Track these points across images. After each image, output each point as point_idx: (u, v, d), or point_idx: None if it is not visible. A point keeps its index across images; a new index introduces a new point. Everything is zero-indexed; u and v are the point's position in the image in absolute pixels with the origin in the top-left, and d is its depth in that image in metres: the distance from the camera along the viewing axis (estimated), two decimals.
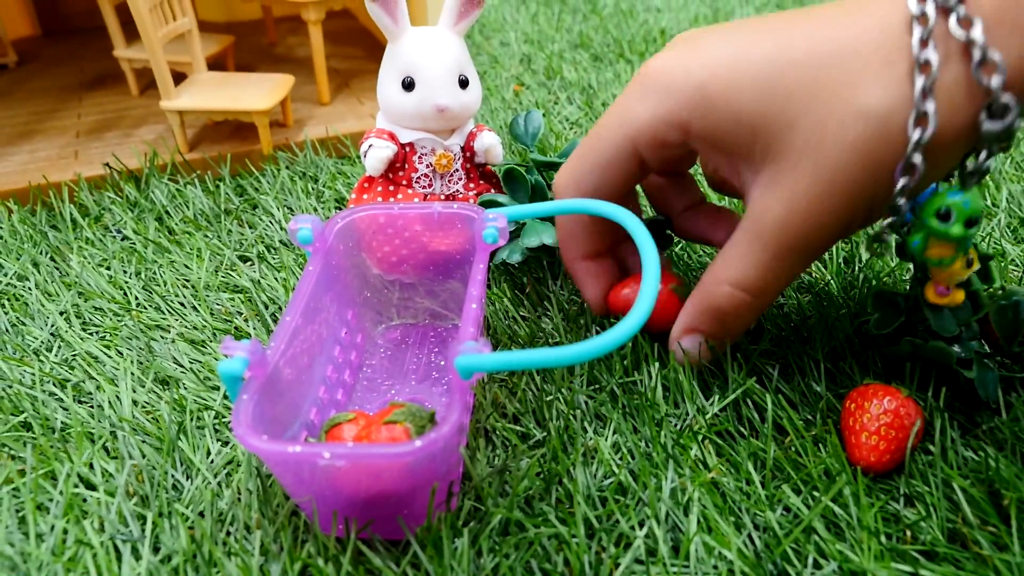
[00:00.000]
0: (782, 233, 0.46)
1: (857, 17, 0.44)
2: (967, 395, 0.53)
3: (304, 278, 0.51)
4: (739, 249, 0.48)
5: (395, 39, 0.63)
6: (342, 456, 0.37)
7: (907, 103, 0.42)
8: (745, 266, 0.48)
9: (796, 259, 0.47)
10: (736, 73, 0.45)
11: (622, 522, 0.45)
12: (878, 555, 0.43)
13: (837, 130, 0.43)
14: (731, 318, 0.51)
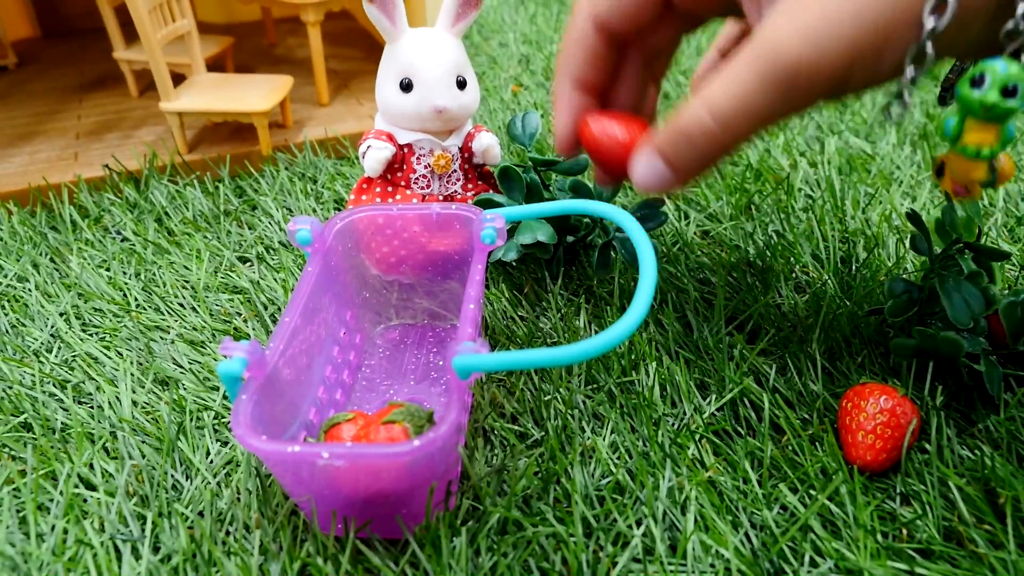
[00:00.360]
0: (773, 49, 0.39)
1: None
2: (964, 394, 0.54)
3: (303, 279, 0.51)
4: (727, 69, 0.41)
5: (393, 40, 0.63)
6: (340, 456, 0.37)
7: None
8: (724, 85, 0.41)
9: (778, 89, 0.39)
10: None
11: (620, 521, 0.45)
12: (874, 553, 0.43)
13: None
14: (692, 145, 0.42)
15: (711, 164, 0.43)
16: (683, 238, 0.72)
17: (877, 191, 0.80)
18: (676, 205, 0.78)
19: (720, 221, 0.75)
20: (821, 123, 0.97)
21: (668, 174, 0.44)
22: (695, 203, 0.79)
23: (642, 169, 0.45)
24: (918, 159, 0.87)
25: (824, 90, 0.39)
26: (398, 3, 0.62)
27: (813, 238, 0.71)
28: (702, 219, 0.76)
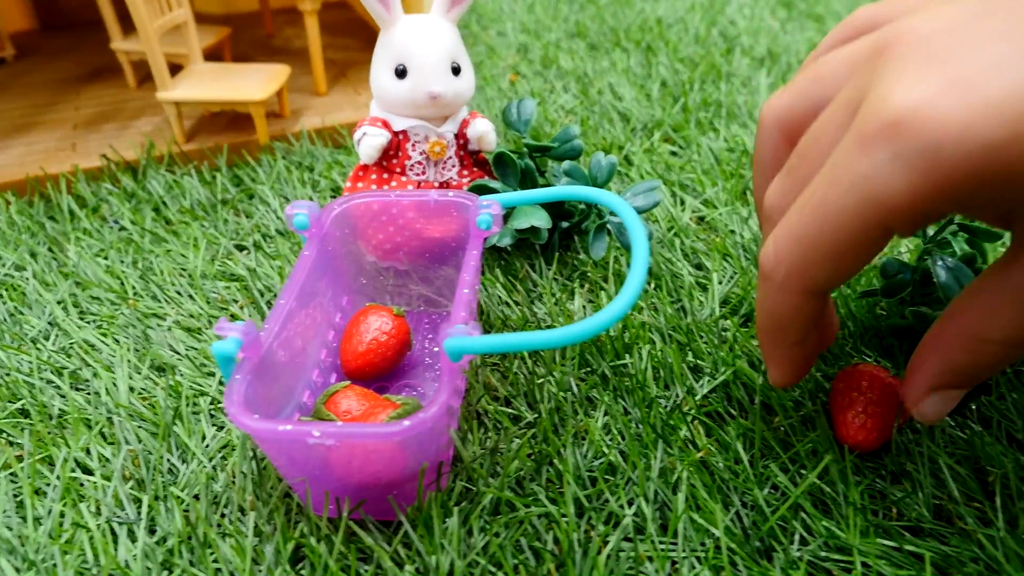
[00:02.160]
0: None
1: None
2: None
3: (299, 262, 0.51)
4: (1014, 309, 0.38)
5: (387, 27, 0.63)
6: (331, 435, 0.38)
7: None
8: (1001, 319, 0.39)
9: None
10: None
11: (611, 501, 0.45)
12: (864, 531, 0.44)
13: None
14: (991, 371, 0.41)
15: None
16: (677, 223, 0.72)
17: None
18: (672, 191, 0.79)
19: (716, 207, 0.76)
20: None
21: (960, 396, 0.44)
22: (691, 189, 0.79)
23: (940, 406, 0.44)
24: None
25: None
26: None
27: None
28: (698, 204, 0.76)
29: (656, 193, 0.64)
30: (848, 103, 0.36)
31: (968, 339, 0.40)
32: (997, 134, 0.30)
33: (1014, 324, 0.39)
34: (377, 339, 0.53)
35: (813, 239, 0.37)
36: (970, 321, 0.40)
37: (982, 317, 0.40)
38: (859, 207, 0.35)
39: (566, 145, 0.67)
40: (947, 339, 0.42)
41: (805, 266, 0.39)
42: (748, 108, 0.97)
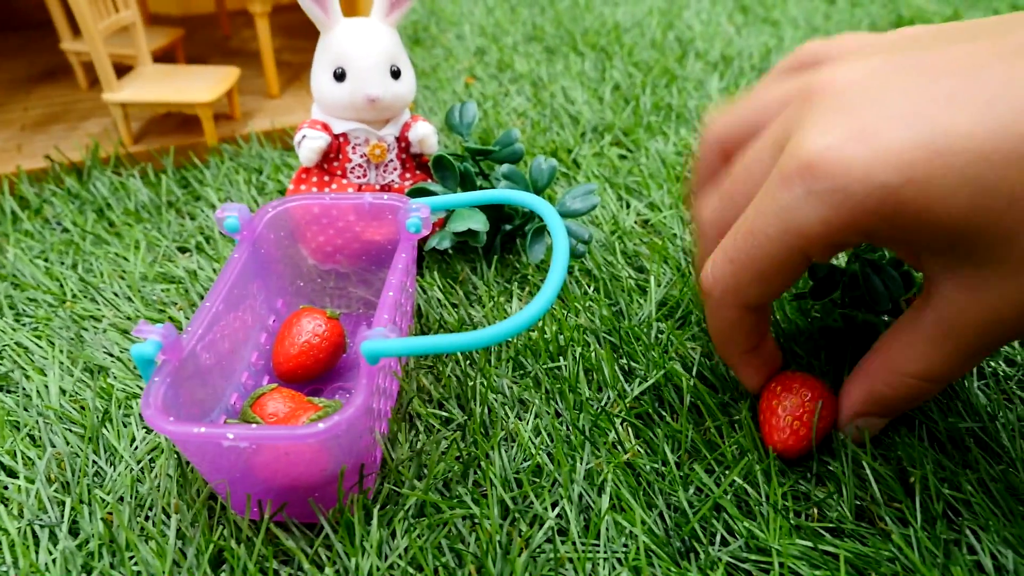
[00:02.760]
0: (982, 335, 0.41)
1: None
2: None
3: (228, 265, 0.51)
4: (930, 346, 0.43)
5: (327, 30, 0.63)
6: (245, 438, 0.38)
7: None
8: (932, 361, 0.43)
9: (988, 352, 0.43)
10: (935, 174, 0.35)
11: (536, 503, 0.46)
12: (785, 532, 0.44)
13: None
14: (909, 403, 0.46)
15: None
16: (621, 227, 0.72)
17: None
18: (618, 194, 0.79)
19: (660, 210, 0.76)
20: None
21: (883, 423, 0.49)
22: (636, 192, 0.80)
23: (865, 427, 0.49)
24: None
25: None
26: None
27: None
28: (643, 208, 0.77)
29: (593, 196, 0.65)
30: (775, 141, 0.42)
31: (888, 372, 0.46)
32: (892, 178, 0.36)
33: (927, 359, 0.43)
34: (310, 342, 0.53)
35: (744, 262, 0.43)
36: (890, 355, 0.45)
37: (900, 352, 0.45)
38: (780, 235, 0.40)
39: (507, 149, 0.68)
40: (871, 371, 0.47)
41: (738, 285, 0.45)
42: (698, 112, 0.97)
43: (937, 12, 1.38)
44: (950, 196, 0.35)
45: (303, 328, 0.53)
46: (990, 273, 0.38)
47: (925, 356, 0.44)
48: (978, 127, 0.35)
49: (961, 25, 0.41)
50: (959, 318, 0.41)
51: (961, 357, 0.43)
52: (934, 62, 0.38)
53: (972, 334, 0.41)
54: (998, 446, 0.49)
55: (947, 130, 0.35)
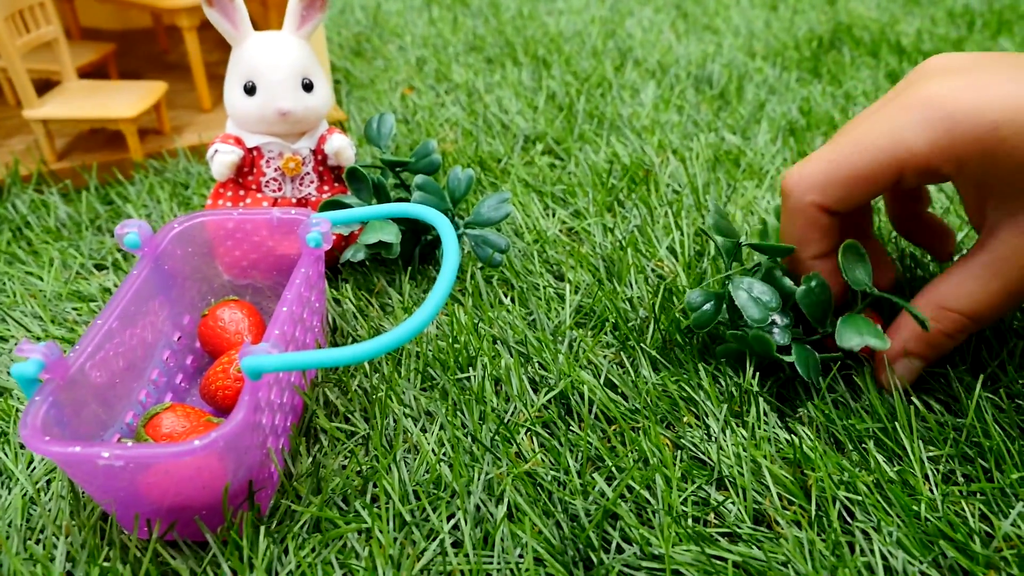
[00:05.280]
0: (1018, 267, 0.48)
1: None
2: (790, 384, 0.55)
3: (125, 282, 0.51)
4: (978, 283, 0.49)
5: (237, 44, 0.63)
6: (120, 456, 0.37)
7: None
8: (980, 300, 0.50)
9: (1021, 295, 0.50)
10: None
11: (432, 516, 0.45)
12: (681, 538, 0.44)
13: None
14: (951, 343, 0.52)
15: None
16: (544, 235, 0.73)
17: (737, 185, 0.81)
18: (544, 203, 0.79)
19: (585, 217, 0.76)
20: (699, 120, 0.98)
21: (923, 366, 0.53)
22: (563, 200, 0.80)
23: (903, 371, 0.53)
24: (786, 155, 0.89)
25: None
26: (239, 6, 0.62)
27: (671, 232, 0.73)
28: (567, 215, 0.77)
29: (507, 205, 0.65)
30: (891, 97, 0.52)
31: (936, 308, 0.51)
32: (997, 117, 0.45)
33: (974, 297, 0.50)
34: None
35: (842, 163, 0.50)
36: (939, 292, 0.51)
37: (949, 290, 0.51)
38: (889, 146, 0.48)
39: (424, 160, 0.68)
40: (920, 308, 0.52)
41: (827, 183, 0.51)
42: (631, 120, 0.98)
43: (875, 19, 1.40)
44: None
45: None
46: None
47: (972, 294, 0.50)
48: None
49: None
50: (1011, 259, 0.48)
51: (1005, 296, 0.49)
52: (1022, 59, 0.47)
53: (1019, 276, 0.48)
54: (898, 447, 0.50)
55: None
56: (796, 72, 1.14)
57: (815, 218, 0.53)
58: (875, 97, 1.04)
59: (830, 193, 0.51)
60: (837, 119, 0.97)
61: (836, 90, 1.07)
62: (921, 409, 0.52)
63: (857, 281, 0.52)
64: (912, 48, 1.22)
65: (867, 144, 0.49)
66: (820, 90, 1.07)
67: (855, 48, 1.24)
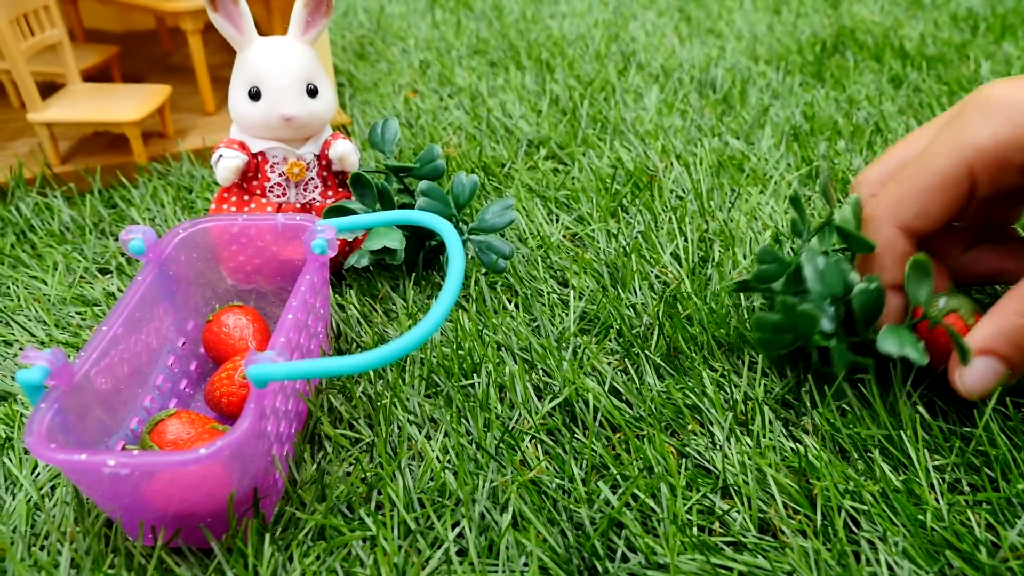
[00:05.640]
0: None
1: None
2: (795, 392, 0.55)
3: (130, 288, 0.51)
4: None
5: (242, 49, 0.63)
6: (126, 464, 0.37)
7: None
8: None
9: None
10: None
11: (437, 524, 0.45)
12: (687, 547, 0.44)
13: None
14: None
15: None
16: (548, 241, 0.72)
17: (741, 190, 0.81)
18: (548, 208, 0.79)
19: (589, 223, 0.76)
20: (702, 125, 0.98)
21: (1005, 372, 0.48)
22: (566, 205, 0.80)
23: (983, 373, 0.49)
24: (790, 160, 0.89)
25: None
26: (244, 11, 0.62)
27: (675, 238, 0.73)
28: (571, 221, 0.77)
29: (511, 211, 0.65)
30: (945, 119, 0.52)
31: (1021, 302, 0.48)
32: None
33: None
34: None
35: (912, 179, 0.50)
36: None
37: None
38: (952, 150, 0.48)
39: (428, 165, 0.67)
40: (1004, 306, 0.48)
41: (900, 201, 0.50)
42: (634, 124, 0.98)
43: (879, 23, 1.40)
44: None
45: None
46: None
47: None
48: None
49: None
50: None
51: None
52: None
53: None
54: (904, 456, 0.50)
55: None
56: (799, 76, 1.14)
57: (892, 240, 0.52)
58: (879, 102, 1.04)
59: (905, 209, 0.50)
60: (841, 124, 0.97)
61: (840, 95, 1.07)
62: (927, 417, 0.52)
63: (916, 297, 0.51)
64: (916, 52, 1.22)
65: (931, 156, 0.49)
66: (824, 94, 1.07)
67: (858, 52, 1.24)
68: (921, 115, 1.00)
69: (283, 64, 0.62)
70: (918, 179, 0.50)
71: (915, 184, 0.50)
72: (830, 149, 0.90)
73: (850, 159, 0.88)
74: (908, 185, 0.50)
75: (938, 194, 0.49)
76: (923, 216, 0.50)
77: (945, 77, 1.11)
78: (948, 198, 0.49)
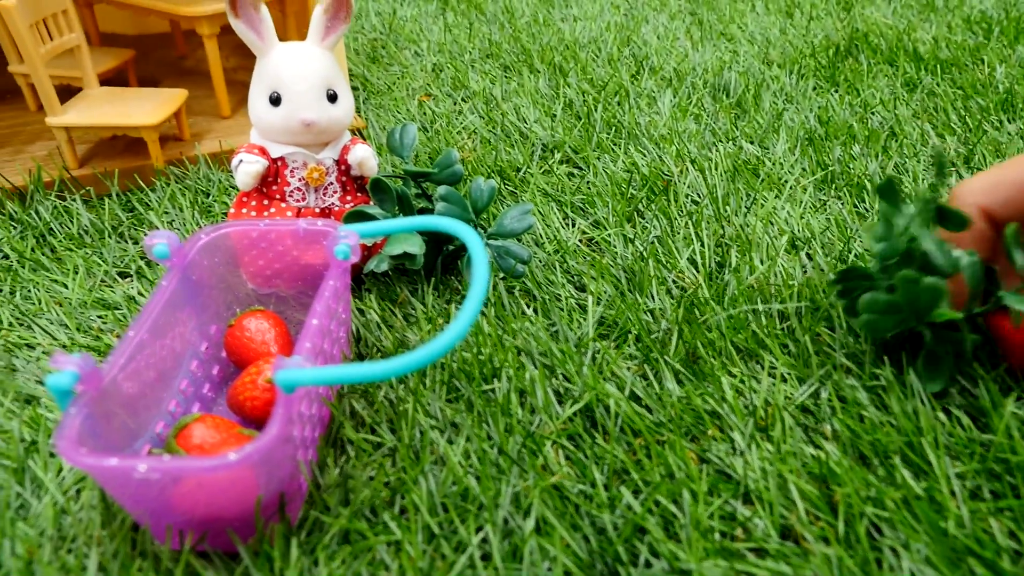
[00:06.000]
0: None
1: None
2: (816, 397, 0.55)
3: (155, 293, 0.51)
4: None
5: (262, 55, 0.64)
6: (156, 469, 0.38)
7: None
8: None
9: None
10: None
11: (460, 528, 0.46)
12: (709, 553, 0.44)
13: None
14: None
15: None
16: (565, 245, 0.73)
17: (757, 195, 0.81)
18: (564, 213, 0.79)
19: (605, 227, 0.77)
20: (716, 129, 0.98)
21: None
22: (582, 210, 0.80)
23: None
24: (805, 164, 0.89)
25: None
26: (264, 17, 0.62)
27: (691, 243, 0.73)
28: (587, 225, 0.77)
29: (529, 217, 0.65)
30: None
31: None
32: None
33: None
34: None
35: (1008, 169, 0.53)
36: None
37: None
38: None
39: (447, 170, 0.68)
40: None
41: (993, 186, 0.53)
42: (648, 129, 0.98)
43: (892, 26, 1.40)
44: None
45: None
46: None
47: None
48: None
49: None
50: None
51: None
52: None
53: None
54: (925, 462, 0.50)
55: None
56: (813, 80, 1.14)
57: (976, 220, 0.53)
58: (893, 106, 1.04)
59: (994, 195, 0.53)
60: (856, 128, 0.97)
61: (854, 99, 1.07)
62: (947, 424, 0.52)
63: (1018, 263, 0.52)
64: (929, 56, 1.22)
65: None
66: (838, 98, 1.07)
67: (872, 56, 1.24)
68: (935, 119, 1.00)
69: (303, 69, 0.62)
70: (1016, 169, 0.53)
71: (1011, 175, 0.53)
72: (845, 154, 0.90)
73: (865, 164, 0.88)
74: (1007, 173, 0.53)
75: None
76: (1010, 205, 0.53)
77: (960, 81, 1.11)
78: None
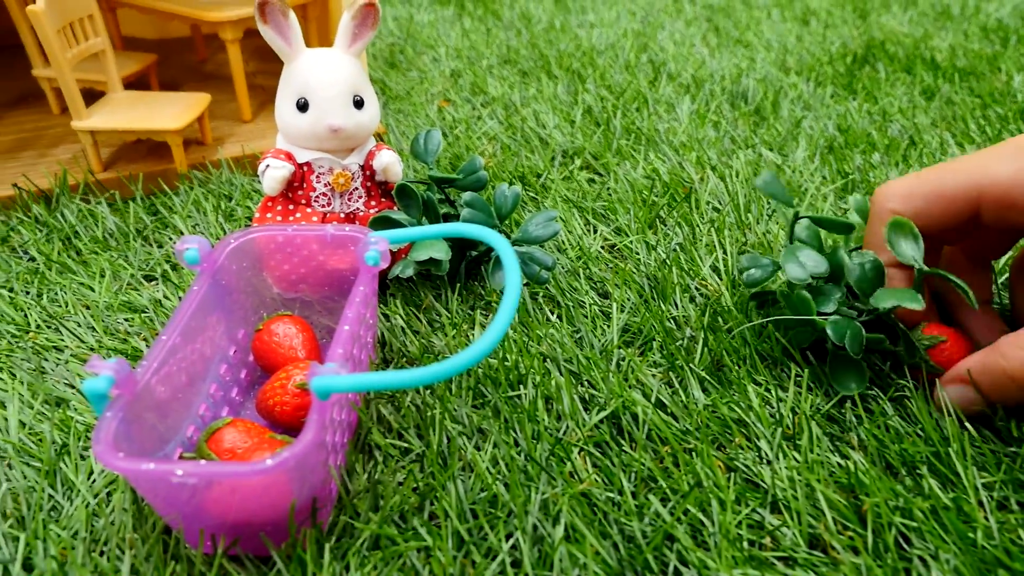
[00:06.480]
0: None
1: None
2: (842, 406, 0.55)
3: (187, 298, 0.51)
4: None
5: (290, 61, 0.64)
6: (194, 474, 0.38)
7: None
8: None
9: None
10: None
11: (490, 535, 0.46)
12: (738, 562, 0.44)
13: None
14: (1016, 387, 0.50)
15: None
16: (587, 252, 0.73)
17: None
18: (585, 219, 0.80)
19: (627, 234, 0.77)
20: (736, 136, 0.99)
21: (978, 400, 0.52)
22: (604, 216, 0.80)
23: (954, 395, 0.53)
24: (825, 173, 0.89)
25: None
26: (292, 24, 0.62)
27: (714, 251, 0.73)
28: (609, 232, 0.77)
29: (555, 223, 0.65)
30: None
31: (1009, 346, 0.50)
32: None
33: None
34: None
35: (927, 177, 0.54)
36: (1020, 335, 0.50)
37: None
38: (973, 169, 0.52)
39: (471, 176, 0.68)
40: (996, 346, 0.51)
41: (910, 191, 0.54)
42: (668, 135, 0.98)
43: (908, 34, 1.40)
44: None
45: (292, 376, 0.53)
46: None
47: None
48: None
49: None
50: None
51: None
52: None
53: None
54: (952, 473, 0.50)
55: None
56: (831, 88, 1.14)
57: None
58: (912, 114, 1.04)
59: (909, 204, 0.54)
60: (875, 137, 0.97)
61: (872, 107, 1.07)
62: (974, 434, 0.52)
63: (903, 255, 0.53)
64: (947, 64, 1.22)
65: (955, 168, 0.53)
66: (856, 106, 1.07)
67: (889, 64, 1.24)
68: (955, 128, 1.00)
69: (331, 75, 0.63)
70: (933, 183, 0.53)
71: (928, 186, 0.54)
72: (865, 162, 0.90)
73: (886, 172, 0.88)
74: (922, 184, 0.54)
75: (942, 204, 0.53)
76: (923, 216, 0.54)
77: (977, 89, 1.11)
78: (950, 211, 0.53)
